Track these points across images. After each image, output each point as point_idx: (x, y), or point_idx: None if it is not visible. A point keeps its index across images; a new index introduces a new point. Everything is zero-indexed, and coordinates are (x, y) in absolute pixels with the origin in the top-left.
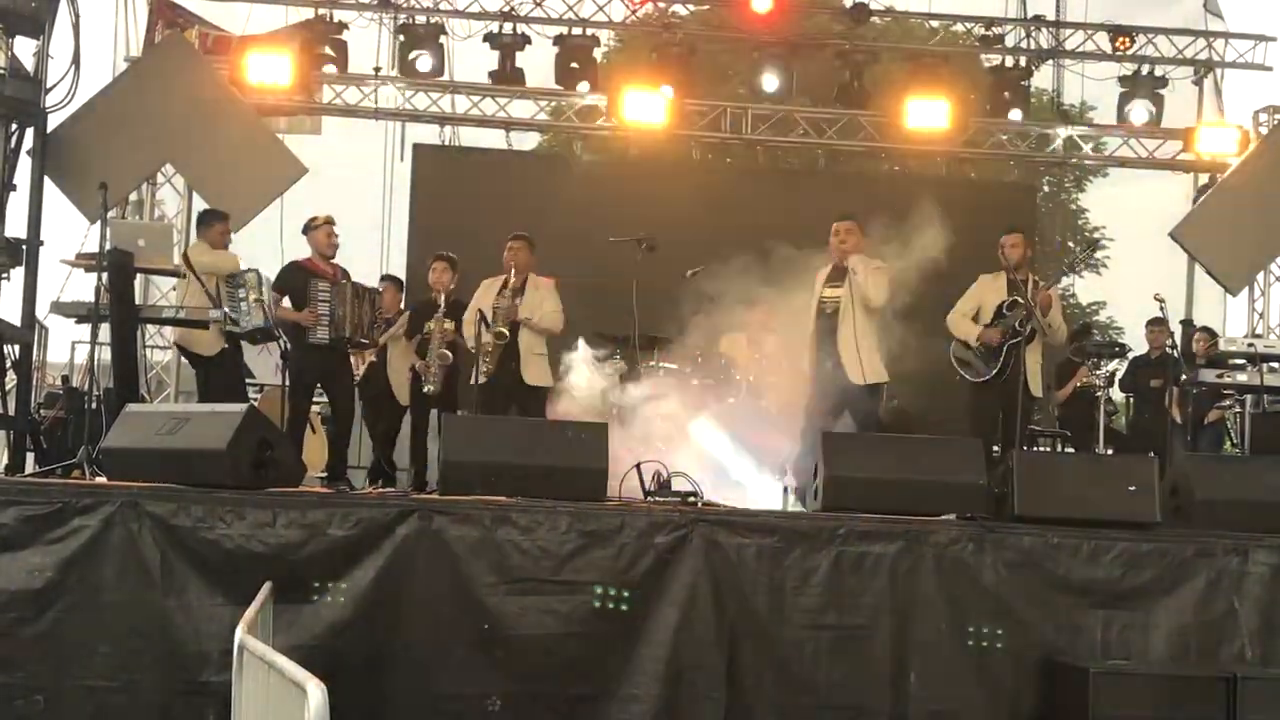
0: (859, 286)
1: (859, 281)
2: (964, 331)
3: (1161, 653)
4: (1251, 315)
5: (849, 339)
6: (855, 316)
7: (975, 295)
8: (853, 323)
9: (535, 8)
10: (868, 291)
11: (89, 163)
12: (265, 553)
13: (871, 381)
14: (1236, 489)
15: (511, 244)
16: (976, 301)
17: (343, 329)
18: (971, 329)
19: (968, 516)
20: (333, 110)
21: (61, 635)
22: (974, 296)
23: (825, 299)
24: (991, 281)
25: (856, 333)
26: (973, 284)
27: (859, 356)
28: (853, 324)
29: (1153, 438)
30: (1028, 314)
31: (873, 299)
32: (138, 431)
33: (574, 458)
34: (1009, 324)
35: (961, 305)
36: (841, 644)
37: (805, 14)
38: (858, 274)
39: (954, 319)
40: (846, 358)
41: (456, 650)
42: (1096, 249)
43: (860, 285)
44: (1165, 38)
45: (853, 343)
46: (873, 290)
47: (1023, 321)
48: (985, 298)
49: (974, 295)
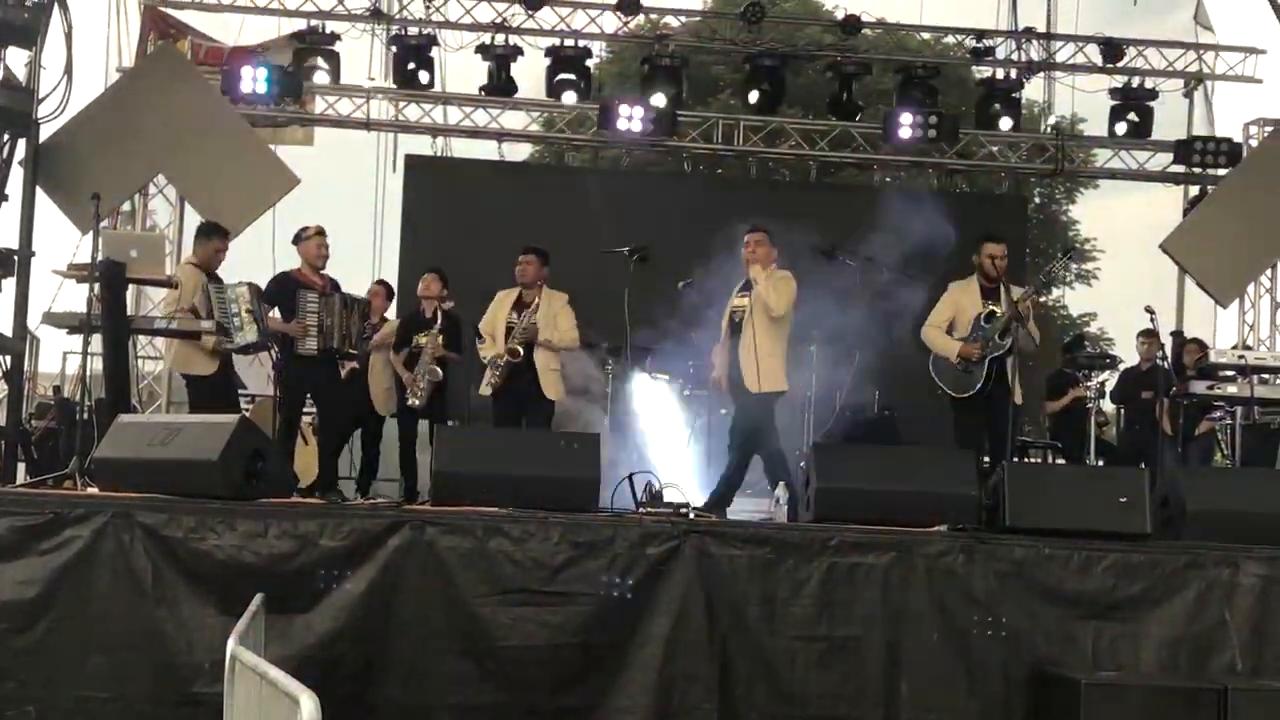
0: (759, 296)
1: (759, 291)
2: (942, 347)
3: (1152, 664)
4: (1242, 327)
5: (748, 347)
6: (755, 325)
7: (949, 306)
8: (753, 332)
9: (527, 19)
10: (768, 300)
11: (81, 173)
12: (257, 563)
13: (766, 390)
14: (1227, 500)
15: (522, 258)
16: (950, 312)
17: (331, 340)
18: (950, 344)
19: (959, 527)
20: (325, 121)
21: (53, 646)
22: (947, 307)
23: (735, 308)
24: (964, 290)
25: (756, 341)
26: (944, 294)
27: (755, 365)
28: (753, 333)
29: (1143, 449)
30: (1007, 325)
31: (773, 308)
32: (129, 442)
33: (566, 468)
34: (989, 335)
35: (935, 317)
36: (833, 654)
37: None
38: (759, 283)
39: (929, 333)
40: (744, 366)
41: (448, 661)
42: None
43: (760, 295)
44: (1156, 50)
45: (751, 351)
46: (773, 299)
47: (1003, 333)
48: (961, 307)
49: (947, 306)
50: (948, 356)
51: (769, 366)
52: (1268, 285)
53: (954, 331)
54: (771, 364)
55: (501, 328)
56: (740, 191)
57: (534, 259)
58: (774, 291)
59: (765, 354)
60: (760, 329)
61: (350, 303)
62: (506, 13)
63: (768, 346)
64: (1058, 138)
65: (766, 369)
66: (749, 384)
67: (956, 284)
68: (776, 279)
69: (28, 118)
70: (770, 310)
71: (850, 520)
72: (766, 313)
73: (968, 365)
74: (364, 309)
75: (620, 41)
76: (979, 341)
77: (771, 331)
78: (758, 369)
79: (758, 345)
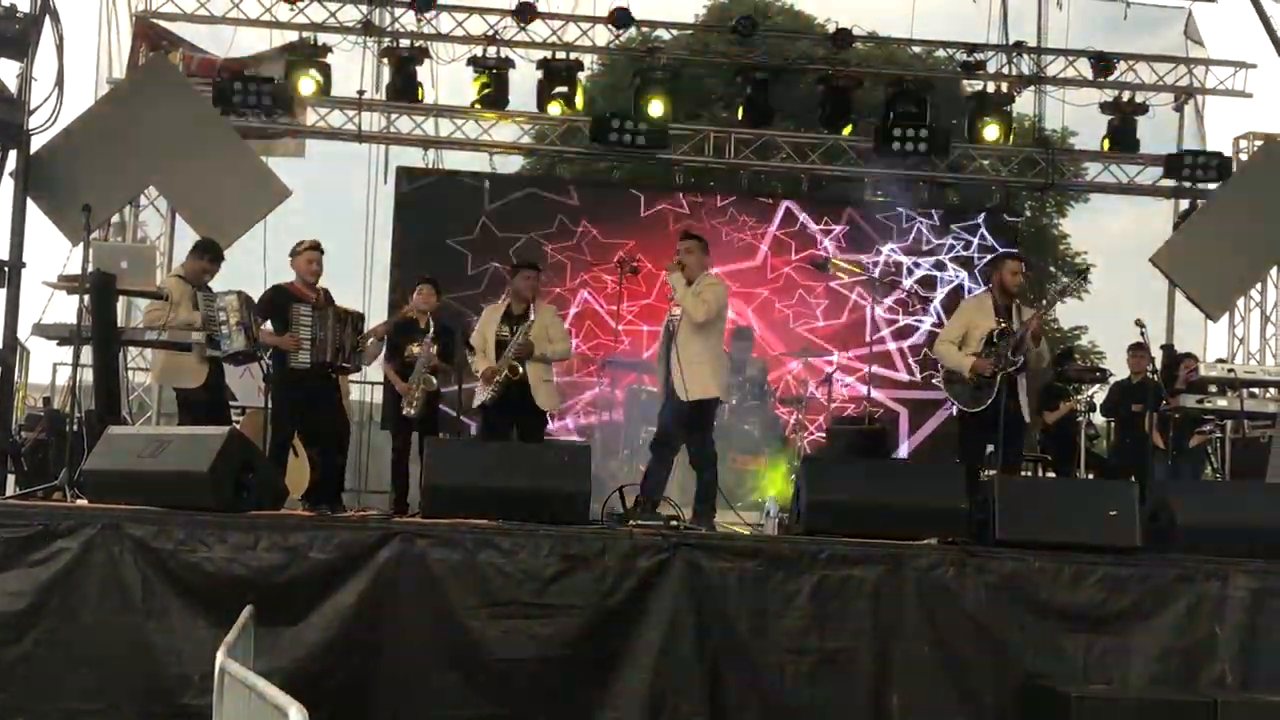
0: (681, 303)
1: (678, 300)
2: (955, 361)
3: (1142, 677)
4: (1232, 341)
5: (677, 355)
6: (681, 333)
7: (962, 321)
8: (682, 339)
9: (519, 31)
10: (687, 308)
11: (72, 185)
12: (247, 575)
13: (695, 398)
14: (1217, 514)
15: (525, 273)
16: (964, 327)
17: (324, 354)
18: (962, 359)
19: (949, 540)
20: (316, 133)
21: (42, 658)
22: (961, 322)
23: (671, 316)
24: (977, 306)
25: (680, 349)
26: (957, 310)
27: (682, 373)
28: (682, 340)
29: (1134, 462)
30: (1019, 342)
31: (693, 315)
32: (119, 454)
33: (556, 480)
34: (1002, 352)
35: (948, 332)
36: (823, 667)
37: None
38: (677, 291)
39: (941, 347)
40: (674, 374)
41: (438, 673)
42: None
43: (681, 303)
44: (1146, 64)
45: (678, 359)
46: (691, 307)
47: (1015, 350)
48: (973, 323)
49: (961, 321)
50: (960, 371)
51: (695, 374)
52: (1257, 299)
53: (965, 346)
54: (699, 371)
55: (491, 341)
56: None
57: (533, 275)
58: (695, 299)
59: (691, 361)
60: (685, 337)
61: (344, 316)
62: (498, 25)
63: (692, 354)
64: (1048, 151)
65: (693, 376)
66: (679, 392)
67: (970, 300)
68: (703, 286)
69: (19, 129)
70: (691, 318)
71: (841, 533)
72: (690, 321)
73: (979, 380)
74: (358, 322)
75: (612, 54)
76: (992, 357)
77: (697, 339)
78: (683, 377)
79: (682, 353)
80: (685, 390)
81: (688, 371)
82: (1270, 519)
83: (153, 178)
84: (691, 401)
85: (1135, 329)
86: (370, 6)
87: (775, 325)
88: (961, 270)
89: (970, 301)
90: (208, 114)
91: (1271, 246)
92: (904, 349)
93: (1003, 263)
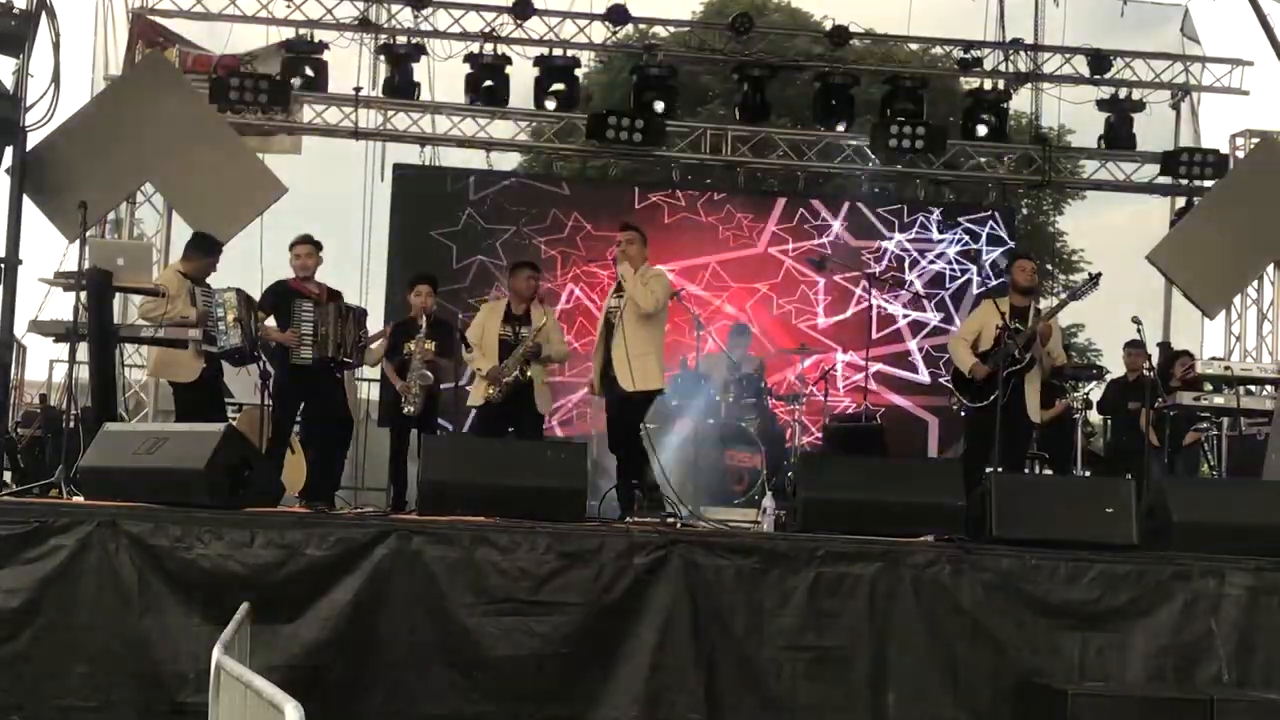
0: (629, 295)
1: (628, 289)
2: (961, 359)
3: (1139, 675)
4: (1228, 338)
5: (620, 346)
6: (627, 324)
7: (977, 320)
8: (624, 331)
9: (516, 29)
10: (637, 299)
11: (68, 181)
12: (243, 573)
13: (640, 389)
14: (1214, 511)
15: (527, 273)
16: (978, 326)
17: (325, 349)
18: (967, 359)
19: (946, 538)
20: (313, 130)
21: (38, 655)
22: (976, 322)
23: (611, 308)
24: (993, 307)
25: (627, 340)
26: (975, 309)
27: (629, 364)
28: (624, 332)
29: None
30: (1028, 342)
31: (642, 305)
32: (115, 451)
33: (553, 478)
34: (1008, 351)
35: (963, 330)
36: (820, 665)
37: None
38: (627, 282)
39: (954, 344)
40: (618, 365)
41: (435, 671)
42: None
43: (630, 293)
44: (1143, 62)
45: (623, 350)
46: (641, 297)
47: (1022, 349)
48: (987, 323)
49: (976, 320)
50: (962, 369)
51: (642, 365)
52: (1254, 296)
53: (980, 345)
54: (646, 363)
55: (494, 340)
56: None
57: (533, 274)
58: (644, 289)
59: (638, 353)
60: (631, 328)
61: (346, 311)
62: (495, 22)
63: (640, 345)
64: (1045, 149)
65: (640, 368)
66: (623, 384)
67: (988, 301)
68: (647, 277)
69: (15, 125)
70: (640, 308)
71: (837, 531)
72: (637, 311)
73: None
74: (360, 318)
75: (609, 51)
76: (993, 359)
77: (643, 330)
78: (630, 368)
79: (629, 344)
80: (632, 381)
81: (635, 363)
82: (1266, 516)
83: (149, 174)
84: (638, 392)
85: (1132, 326)
86: (367, 3)
87: (775, 321)
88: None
89: (986, 302)
90: (204, 111)
91: (1268, 244)
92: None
93: (1013, 262)
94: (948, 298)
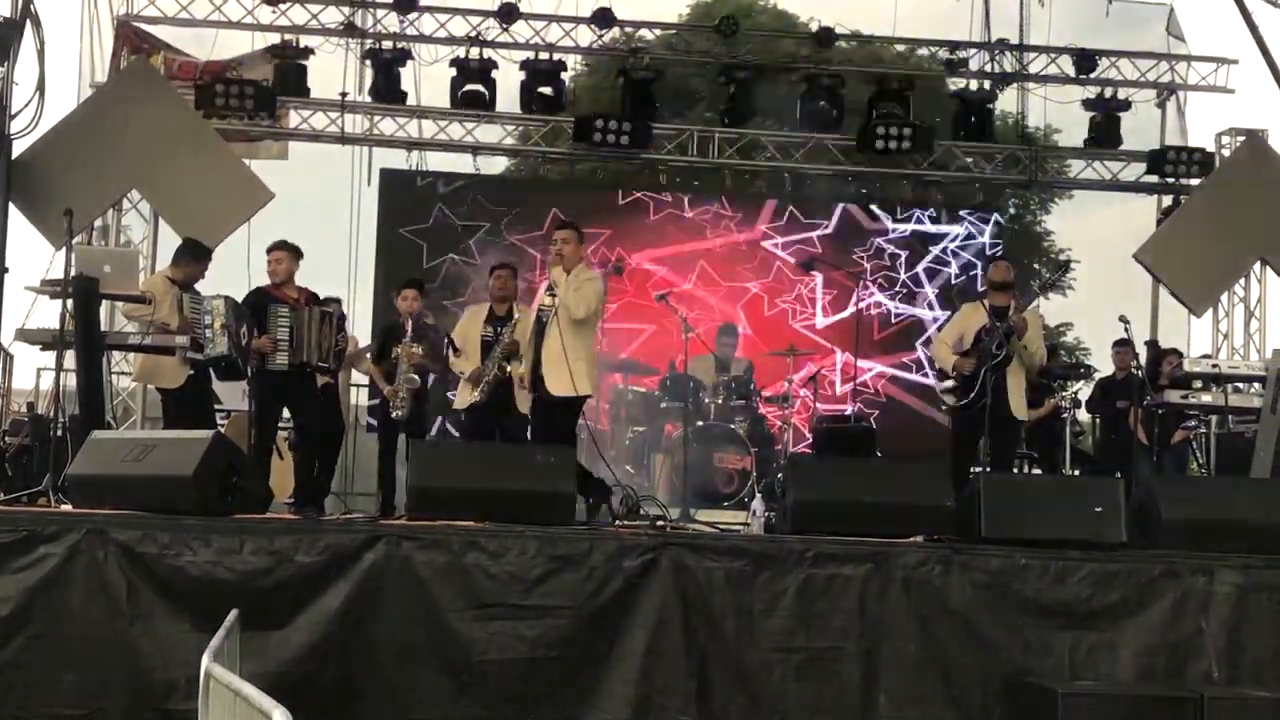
0: (561, 298)
1: (560, 294)
2: (942, 359)
3: (1129, 673)
4: (1215, 336)
5: (554, 349)
6: (560, 327)
7: (958, 323)
8: (558, 333)
9: (502, 33)
10: (568, 304)
11: (54, 189)
12: (232, 579)
13: (566, 394)
14: (1202, 509)
15: (500, 272)
16: (959, 329)
17: (301, 354)
18: (948, 357)
19: (936, 538)
20: (299, 135)
21: (27, 664)
22: (957, 325)
23: (543, 307)
24: (973, 309)
25: (564, 343)
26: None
27: (559, 368)
28: (558, 334)
29: (1119, 458)
30: (1005, 337)
31: (574, 311)
32: (103, 458)
33: (542, 482)
34: (986, 348)
35: (944, 334)
36: (810, 666)
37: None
38: (559, 286)
39: (936, 347)
40: (548, 368)
41: (425, 676)
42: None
43: (563, 297)
44: (1128, 61)
45: (557, 353)
46: (574, 302)
47: (999, 345)
48: (968, 325)
49: (957, 323)
50: (945, 368)
51: (573, 370)
52: (1241, 294)
53: (963, 347)
54: (579, 367)
55: (476, 342)
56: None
57: (504, 273)
58: (575, 294)
59: (571, 357)
60: (566, 331)
61: (323, 316)
62: (481, 26)
63: (572, 350)
64: (1031, 149)
65: (572, 371)
66: (552, 388)
67: (969, 304)
68: (581, 280)
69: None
70: (571, 313)
71: (827, 532)
72: (568, 315)
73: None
74: (339, 322)
75: (595, 55)
76: (973, 355)
77: (574, 334)
78: (559, 371)
79: (564, 348)
80: (561, 384)
81: (565, 367)
82: (1255, 514)
83: (135, 181)
84: (566, 397)
85: (1119, 325)
86: (352, 8)
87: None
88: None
89: (967, 306)
90: (190, 117)
91: (1254, 241)
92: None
93: (989, 265)
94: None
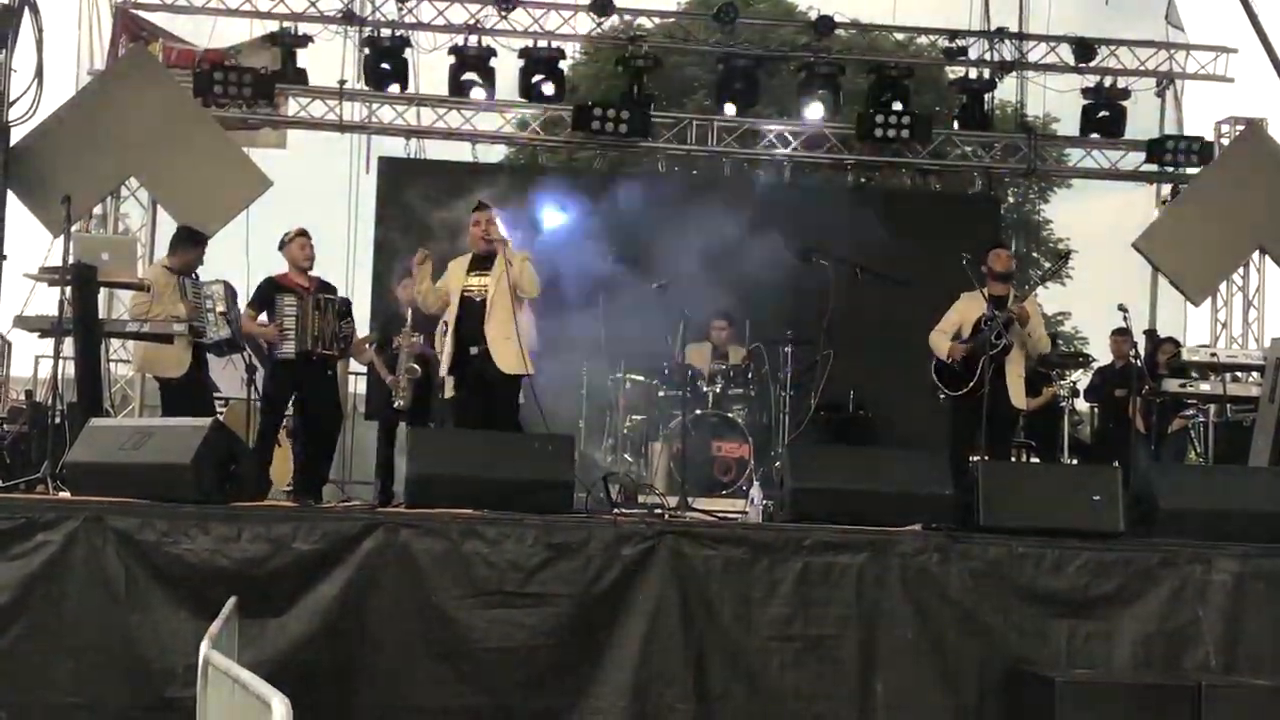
0: (513, 277)
1: (514, 273)
2: (940, 348)
3: (1126, 662)
4: (1214, 325)
5: (504, 327)
6: (510, 305)
7: (957, 314)
8: (509, 312)
9: (500, 20)
10: (522, 283)
11: (52, 176)
12: (230, 567)
13: (518, 372)
14: (1200, 498)
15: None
16: (958, 320)
17: (306, 342)
18: (945, 345)
19: (934, 526)
20: (297, 123)
21: (25, 652)
22: (955, 315)
23: (471, 288)
24: (972, 299)
25: (517, 321)
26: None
27: (509, 346)
28: (509, 313)
29: (1117, 447)
30: (1005, 326)
31: (528, 290)
32: (101, 446)
33: (541, 470)
34: (986, 337)
35: (942, 324)
36: (808, 654)
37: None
38: (513, 265)
39: (934, 338)
40: (497, 346)
41: (423, 664)
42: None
43: (515, 276)
44: (1128, 50)
45: (507, 332)
46: (527, 282)
47: (999, 334)
48: (966, 315)
49: (955, 314)
50: (941, 357)
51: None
52: (1240, 283)
53: (961, 337)
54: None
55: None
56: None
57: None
58: (528, 276)
59: (515, 334)
60: (506, 310)
61: (325, 304)
62: (479, 14)
63: (522, 326)
64: (1030, 137)
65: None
66: (505, 365)
67: (967, 294)
68: (520, 260)
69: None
70: (524, 293)
71: (825, 520)
72: (514, 294)
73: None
74: (344, 308)
75: (594, 43)
76: (971, 344)
77: (520, 313)
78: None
79: (514, 325)
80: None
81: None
82: (1253, 502)
83: (133, 169)
84: (515, 375)
85: (1118, 314)
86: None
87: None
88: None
89: (965, 296)
90: (188, 105)
91: (1253, 230)
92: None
93: (987, 253)
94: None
